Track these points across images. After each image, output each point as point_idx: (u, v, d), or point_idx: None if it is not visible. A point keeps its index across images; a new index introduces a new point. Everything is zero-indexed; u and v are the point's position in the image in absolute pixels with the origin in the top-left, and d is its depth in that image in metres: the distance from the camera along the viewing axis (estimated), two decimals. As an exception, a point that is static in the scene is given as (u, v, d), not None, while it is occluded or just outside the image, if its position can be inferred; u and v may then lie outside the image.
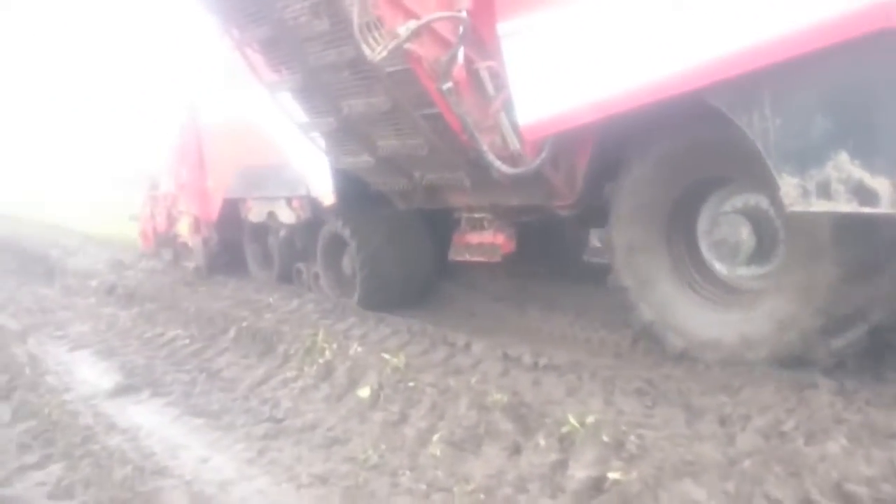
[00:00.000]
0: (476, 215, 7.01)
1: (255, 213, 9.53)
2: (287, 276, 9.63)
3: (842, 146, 4.03)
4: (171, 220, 11.41)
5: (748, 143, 4.40)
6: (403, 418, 5.05)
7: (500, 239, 6.87)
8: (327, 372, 6.09)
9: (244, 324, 7.64)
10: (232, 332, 7.64)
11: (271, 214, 9.17)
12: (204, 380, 6.63)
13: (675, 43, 4.50)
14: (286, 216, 8.86)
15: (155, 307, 9.31)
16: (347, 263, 8.31)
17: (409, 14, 5.31)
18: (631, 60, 4.73)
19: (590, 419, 4.13)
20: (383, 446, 4.70)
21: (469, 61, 5.60)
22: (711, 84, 4.40)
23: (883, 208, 3.93)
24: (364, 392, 5.54)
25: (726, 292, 5.38)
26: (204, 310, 8.54)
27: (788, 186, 4.30)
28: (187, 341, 7.85)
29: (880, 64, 3.82)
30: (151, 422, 5.75)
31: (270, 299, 9.07)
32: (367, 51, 5.27)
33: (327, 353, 6.30)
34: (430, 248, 8.00)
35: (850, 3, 3.79)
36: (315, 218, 8.48)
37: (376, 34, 5.25)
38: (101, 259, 13.79)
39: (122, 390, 6.52)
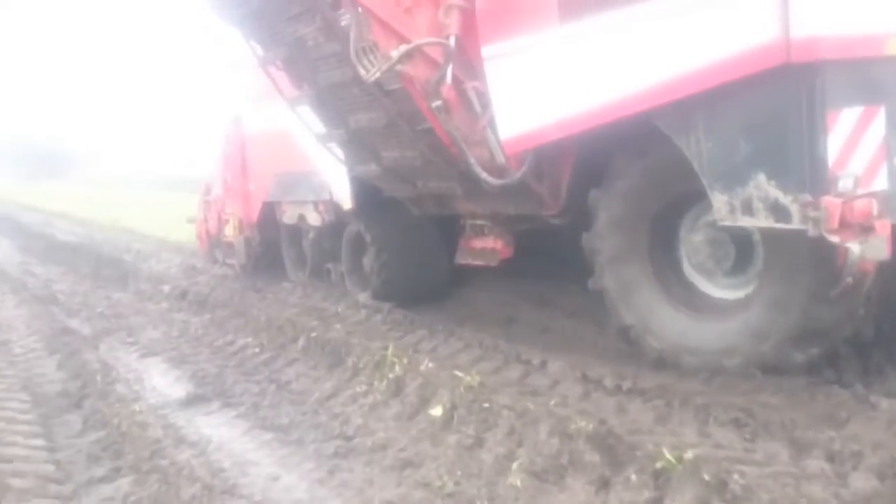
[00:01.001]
0: (478, 222, 7.61)
1: (288, 216, 10.28)
2: (318, 275, 10.18)
3: (760, 167, 4.51)
4: (222, 223, 12.05)
5: None
6: (479, 442, 4.80)
7: (498, 245, 7.49)
8: (398, 388, 5.88)
9: (313, 334, 7.51)
10: (301, 342, 7.52)
11: (301, 217, 9.91)
12: (273, 391, 6.51)
13: (629, 67, 4.98)
14: (313, 219, 9.61)
15: (226, 314, 9.28)
16: (367, 262, 8.85)
17: (402, 39, 5.92)
18: (595, 83, 5.20)
19: (687, 454, 3.79)
20: (459, 472, 4.46)
21: (458, 81, 6.08)
22: (655, 107, 4.88)
23: (794, 225, 4.37)
24: (436, 411, 5.32)
25: (705, 301, 5.68)
26: (273, 318, 8.45)
27: (719, 203, 4.77)
28: (257, 350, 7.77)
29: (783, 94, 4.38)
30: (221, 435, 5.64)
31: (338, 308, 8.94)
32: (362, 72, 5.92)
33: (397, 367, 6.10)
34: (443, 250, 8.41)
35: (755, 39, 4.31)
36: (338, 221, 9.13)
37: (371, 57, 5.89)
38: (173, 264, 13.93)
39: (193, 400, 6.44)
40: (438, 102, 6.03)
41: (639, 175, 5.62)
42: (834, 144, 4.32)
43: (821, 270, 4.72)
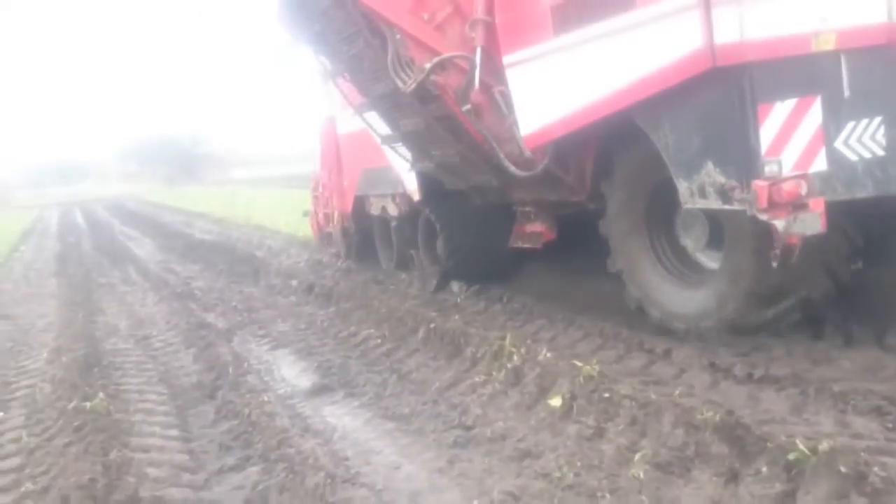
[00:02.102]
0: (526, 209, 8.43)
1: (374, 208, 11.41)
2: (404, 262, 11.04)
3: (709, 157, 5.22)
4: (328, 216, 13.23)
5: None
6: (600, 433, 4.68)
7: (542, 228, 8.37)
8: (516, 378, 5.82)
9: (432, 325, 7.55)
10: (421, 333, 7.58)
11: (384, 209, 11.06)
12: (395, 381, 6.60)
13: (603, 73, 5.77)
14: (392, 210, 10.76)
15: (349, 306, 9.49)
16: (439, 246, 9.74)
17: (435, 53, 6.80)
18: (582, 86, 5.99)
19: (822, 445, 3.54)
20: (579, 463, 4.35)
21: (486, 86, 6.81)
22: (630, 106, 5.63)
23: (735, 206, 5.08)
24: (555, 401, 5.22)
25: (693, 272, 6.40)
26: (394, 309, 8.57)
27: (682, 188, 5.50)
28: (379, 341, 7.89)
29: (719, 93, 5.12)
30: (345, 424, 5.76)
31: (458, 300, 8.98)
32: (400, 84, 6.97)
33: (515, 357, 6.03)
34: (504, 234, 8.98)
35: (687, 47, 5.05)
36: (413, 211, 10.09)
37: (408, 70, 6.86)
38: (301, 259, 14.42)
39: (318, 391, 6.62)
40: (468, 106, 6.83)
41: (632, 164, 6.37)
42: (767, 134, 4.95)
43: (763, 243, 5.22)
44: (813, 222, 4.85)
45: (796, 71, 4.98)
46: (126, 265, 16.36)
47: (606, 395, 4.94)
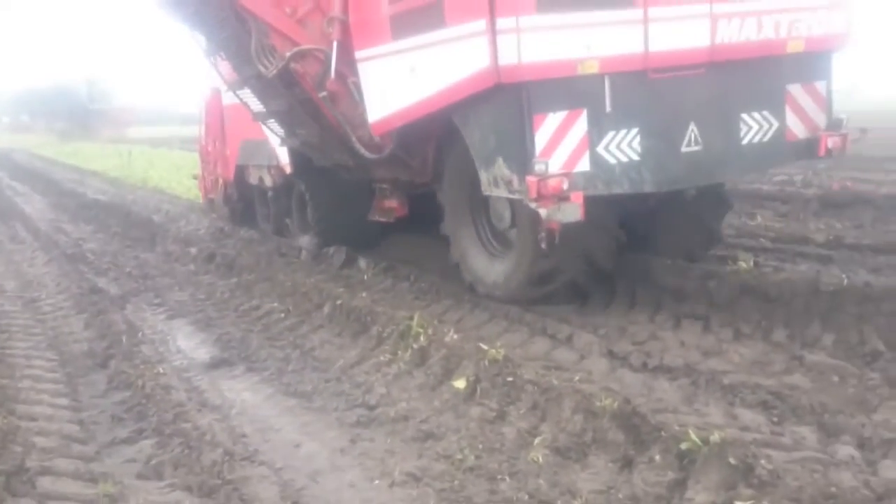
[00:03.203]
0: (383, 186, 9.20)
1: (253, 177, 12.06)
2: (280, 229, 11.77)
3: (500, 154, 6.27)
4: (214, 182, 13.84)
5: None
6: (502, 416, 4.76)
7: (395, 204, 9.21)
8: (422, 358, 5.85)
9: (339, 301, 7.48)
10: (326, 309, 7.50)
11: (261, 179, 11.73)
12: (298, 357, 6.52)
13: (425, 77, 6.67)
14: (268, 180, 11.46)
15: (252, 278, 9.27)
16: (309, 215, 10.55)
17: (295, 44, 7.58)
18: (410, 86, 6.85)
19: (714, 436, 3.71)
20: (480, 446, 4.43)
21: (342, 76, 7.56)
22: (447, 106, 6.55)
23: (516, 196, 6.19)
24: (460, 383, 5.27)
25: (502, 248, 7.42)
26: (299, 283, 8.44)
27: (483, 178, 6.52)
28: (282, 315, 7.76)
29: (505, 104, 6.15)
30: (244, 399, 5.67)
31: (365, 277, 8.92)
32: (262, 69, 7.82)
33: (422, 338, 6.05)
34: (369, 207, 9.77)
35: (479, 65, 6.00)
36: (287, 183, 10.86)
37: (270, 57, 7.68)
38: (202, 226, 13.97)
39: (217, 364, 6.48)
40: (324, 93, 7.61)
41: (458, 154, 7.17)
42: (541, 138, 5.99)
43: (535, 228, 6.32)
44: (573, 211, 5.90)
45: (566, 88, 6.02)
46: (14, 222, 15.52)
47: (510, 378, 5.02)
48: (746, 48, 6.38)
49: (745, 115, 6.55)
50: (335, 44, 7.49)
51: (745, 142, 6.56)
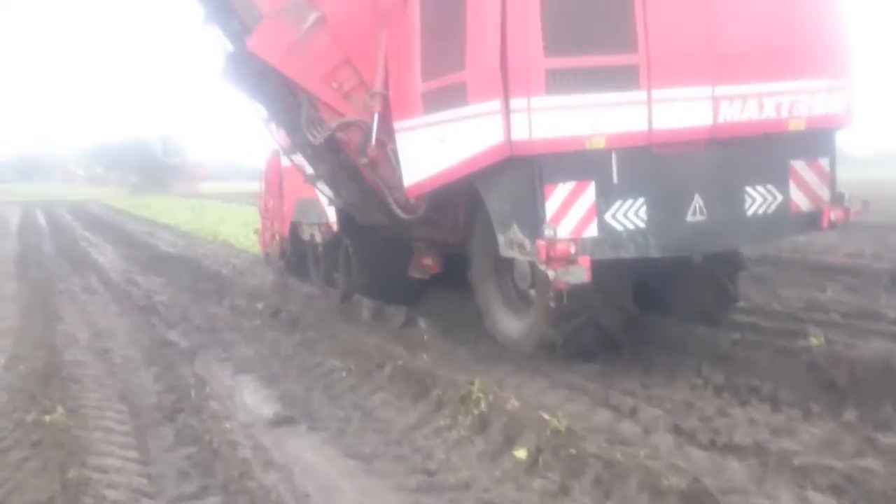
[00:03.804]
0: (420, 244, 9.90)
1: (306, 234, 12.85)
2: (330, 281, 12.43)
3: (515, 220, 6.87)
4: (272, 237, 14.53)
5: None
6: (565, 490, 4.71)
7: (430, 262, 9.90)
8: (482, 425, 5.83)
9: (399, 362, 7.54)
10: (387, 370, 7.56)
11: (312, 236, 12.52)
12: (358, 418, 6.57)
13: (449, 147, 7.35)
14: (318, 237, 12.24)
15: (315, 335, 9.41)
16: (353, 271, 11.10)
17: (340, 115, 8.40)
18: (438, 155, 7.51)
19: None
20: (542, 519, 4.38)
21: (382, 144, 8.33)
22: (470, 174, 7.21)
23: (528, 258, 6.84)
24: (521, 453, 5.23)
25: (523, 304, 7.94)
26: (361, 342, 8.54)
27: (501, 241, 7.09)
28: (344, 374, 7.84)
29: (518, 174, 6.78)
30: (307, 459, 5.71)
31: (424, 337, 8.97)
32: (310, 138, 8.68)
33: (482, 403, 6.04)
34: (407, 263, 10.32)
35: (494, 140, 6.65)
36: (335, 239, 11.53)
37: (318, 126, 8.53)
38: (267, 281, 14.28)
39: (281, 421, 6.55)
40: (366, 160, 8.39)
41: (484, 218, 7.69)
42: (551, 206, 6.55)
43: (546, 289, 6.98)
44: (580, 274, 6.41)
45: (575, 161, 6.56)
46: (87, 272, 16.10)
47: (573, 451, 4.96)
48: (748, 126, 6.75)
49: (749, 188, 6.91)
50: (376, 116, 8.23)
51: (749, 213, 6.93)
